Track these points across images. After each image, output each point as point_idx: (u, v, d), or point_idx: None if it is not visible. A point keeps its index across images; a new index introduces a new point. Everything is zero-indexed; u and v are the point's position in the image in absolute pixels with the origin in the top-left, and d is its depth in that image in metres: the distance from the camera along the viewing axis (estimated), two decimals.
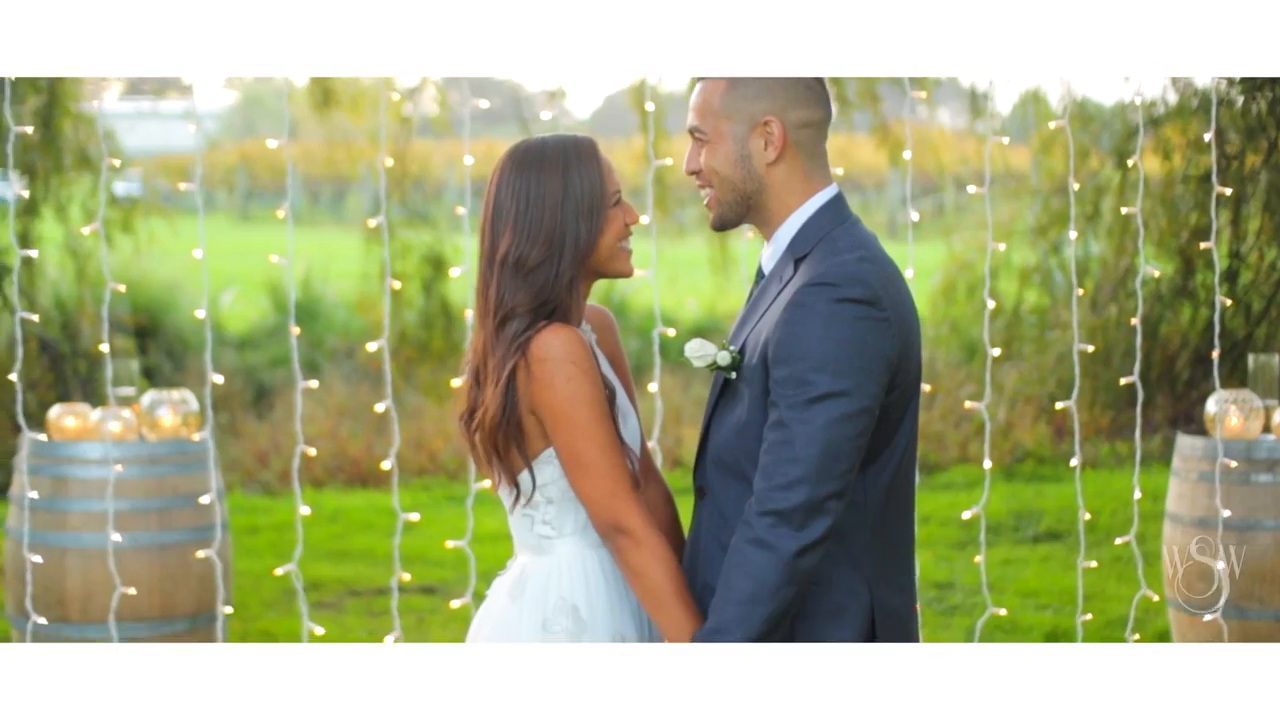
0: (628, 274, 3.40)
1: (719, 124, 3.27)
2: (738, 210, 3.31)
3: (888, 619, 3.19)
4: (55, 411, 6.83)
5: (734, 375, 3.26)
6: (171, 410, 6.83)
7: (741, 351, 3.26)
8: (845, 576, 3.17)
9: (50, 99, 12.16)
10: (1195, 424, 10.59)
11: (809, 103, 3.28)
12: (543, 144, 3.34)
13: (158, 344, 13.77)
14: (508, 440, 3.27)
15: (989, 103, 7.00)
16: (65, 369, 11.60)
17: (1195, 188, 11.51)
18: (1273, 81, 10.96)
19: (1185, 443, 6.93)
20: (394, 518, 10.09)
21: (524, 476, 3.31)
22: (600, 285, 15.34)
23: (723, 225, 3.35)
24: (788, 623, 3.11)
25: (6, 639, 7.40)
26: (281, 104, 6.03)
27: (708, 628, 3.09)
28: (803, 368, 3.08)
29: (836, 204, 3.31)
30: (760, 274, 3.38)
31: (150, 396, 6.88)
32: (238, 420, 12.60)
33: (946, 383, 12.52)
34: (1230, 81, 11.18)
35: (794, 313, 3.11)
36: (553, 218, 3.27)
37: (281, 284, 15.81)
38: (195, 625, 6.60)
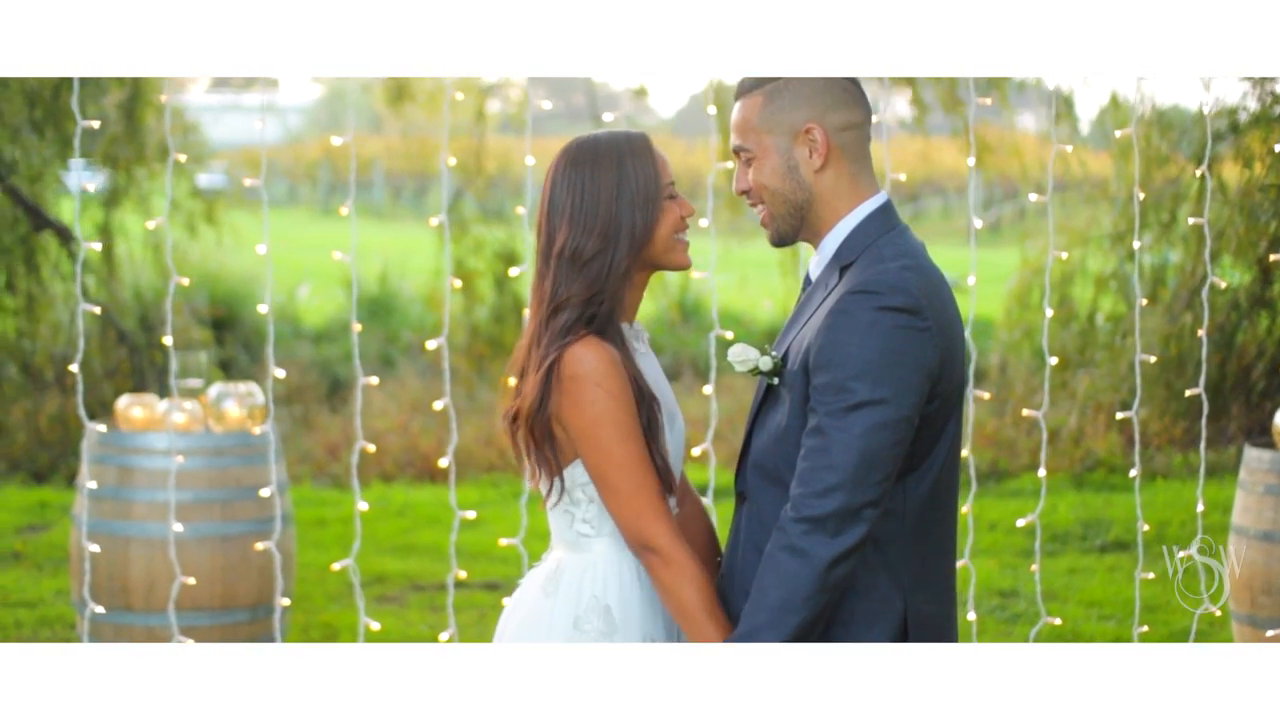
0: (685, 266, 3.42)
1: (761, 139, 3.28)
2: (792, 223, 3.30)
3: (922, 628, 3.18)
4: (123, 402, 6.93)
5: (776, 381, 3.27)
6: (237, 402, 6.91)
7: (784, 358, 3.26)
8: (881, 584, 3.16)
9: (133, 91, 12.31)
10: (1269, 435, 10.46)
11: (847, 104, 3.27)
12: (596, 140, 3.37)
13: (235, 336, 13.92)
14: (544, 430, 3.29)
15: (1052, 108, 6.91)
16: (142, 360, 11.74)
17: (1275, 196, 11.37)
18: None
19: (1252, 455, 6.86)
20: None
21: (564, 473, 3.34)
22: (675, 287, 15.37)
23: (780, 241, 3.34)
24: (820, 628, 3.11)
25: (71, 625, 7.50)
26: (351, 100, 6.11)
27: (739, 633, 3.09)
28: (842, 375, 3.07)
29: (884, 212, 3.30)
30: (807, 280, 3.39)
31: (217, 389, 6.96)
32: (311, 413, 12.70)
33: (1019, 389, 12.42)
34: None
35: (836, 319, 3.11)
36: (608, 209, 3.30)
37: (359, 279, 15.94)
38: (255, 616, 6.67)
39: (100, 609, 5.66)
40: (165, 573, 6.42)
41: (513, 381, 3.46)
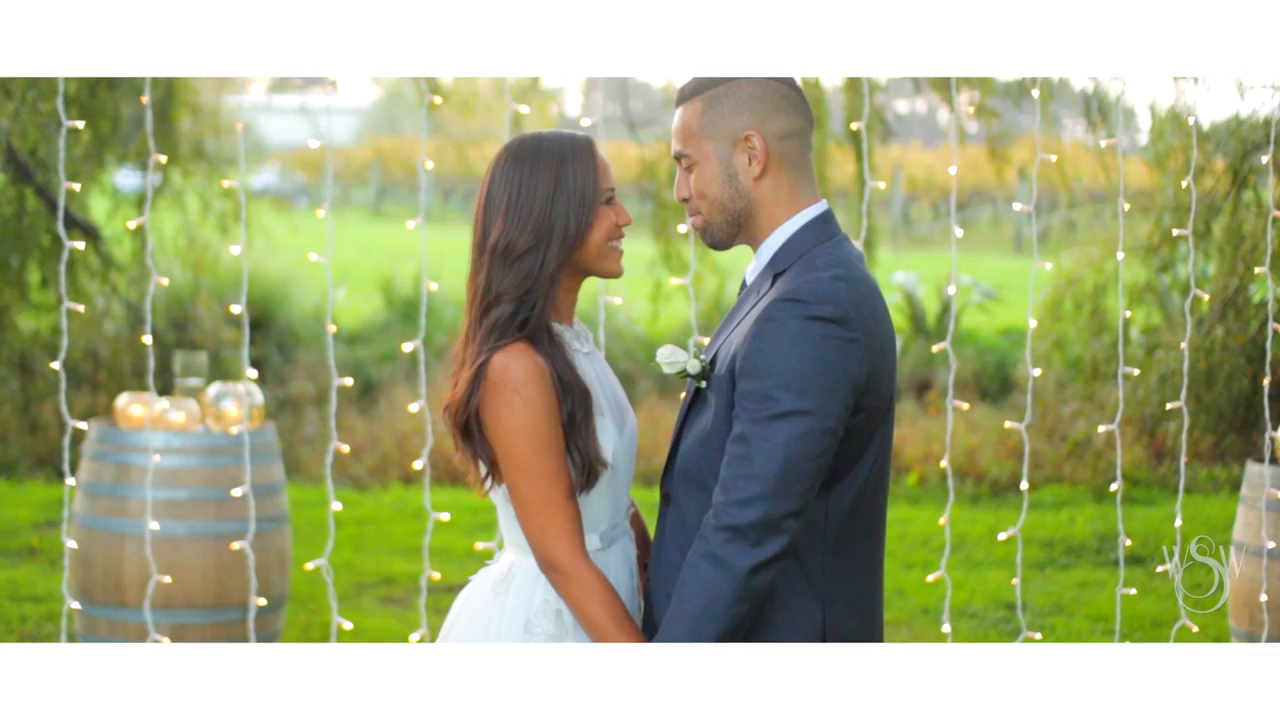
0: (617, 274, 3.42)
1: (701, 145, 3.26)
2: (729, 231, 3.29)
3: (841, 640, 3.16)
4: (122, 400, 6.97)
5: (704, 384, 3.25)
6: (236, 402, 6.94)
7: (713, 361, 3.24)
8: (799, 594, 3.14)
9: (168, 92, 12.39)
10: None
11: (787, 111, 3.25)
12: (539, 138, 3.37)
13: (268, 336, 13.98)
14: (477, 427, 3.29)
15: (1037, 113, 6.81)
16: (171, 358, 11.81)
17: None
18: None
19: (1254, 471, 6.79)
20: (475, 515, 10.21)
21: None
22: (709, 294, 15.33)
23: (716, 247, 3.34)
24: (741, 636, 3.09)
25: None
26: (331, 105, 6.13)
27: (658, 641, 3.08)
28: (767, 383, 3.05)
29: (822, 221, 3.27)
30: (744, 285, 3.37)
31: (216, 388, 6.99)
32: (341, 414, 12.74)
33: (1050, 399, 12.33)
34: None
35: (763, 327, 3.09)
36: (543, 207, 3.30)
37: (394, 281, 15.99)
38: (247, 613, 6.68)
39: (76, 604, 5.69)
40: (160, 570, 6.45)
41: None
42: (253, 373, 5.36)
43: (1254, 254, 11.66)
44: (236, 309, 5.33)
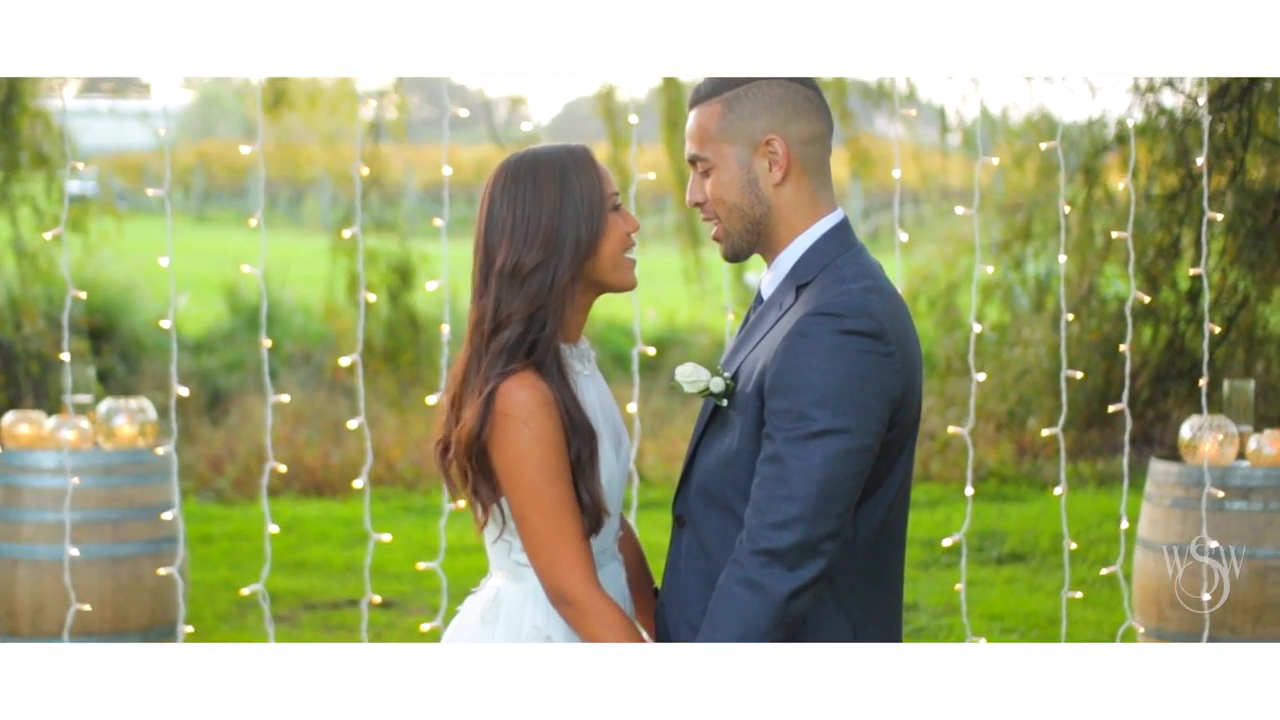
0: (631, 286, 3.28)
1: (719, 149, 3.14)
2: (749, 239, 3.17)
3: None
4: (9, 419, 6.68)
5: (725, 403, 3.14)
6: (128, 419, 6.68)
7: (734, 378, 3.14)
8: (829, 616, 3.05)
9: (9, 96, 11.98)
10: (1164, 446, 10.53)
11: (809, 115, 3.15)
12: (536, 154, 3.23)
13: (113, 347, 13.58)
14: (483, 459, 3.15)
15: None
16: (18, 371, 11.41)
17: (1160, 207, 11.47)
18: (1239, 101, 10.93)
19: (1159, 468, 6.86)
20: (350, 528, 10.00)
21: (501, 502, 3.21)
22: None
23: (735, 257, 3.21)
24: None
25: None
26: (246, 106, 5.92)
27: None
28: (802, 401, 2.95)
29: (842, 230, 3.17)
30: (759, 299, 3.26)
31: (107, 405, 6.73)
32: (192, 426, 12.41)
33: None
34: (1196, 101, 11.16)
35: (795, 342, 2.98)
36: (550, 221, 3.17)
37: (237, 288, 15.64)
38: (149, 640, 6.44)
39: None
40: (54, 596, 6.18)
41: (431, 400, 3.31)
42: (183, 390, 5.13)
43: (1107, 251, 11.87)
44: (165, 324, 5.07)
